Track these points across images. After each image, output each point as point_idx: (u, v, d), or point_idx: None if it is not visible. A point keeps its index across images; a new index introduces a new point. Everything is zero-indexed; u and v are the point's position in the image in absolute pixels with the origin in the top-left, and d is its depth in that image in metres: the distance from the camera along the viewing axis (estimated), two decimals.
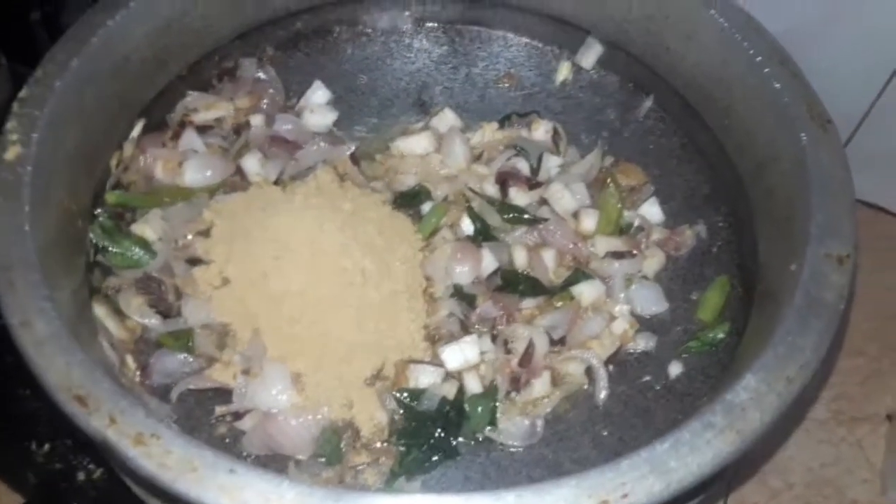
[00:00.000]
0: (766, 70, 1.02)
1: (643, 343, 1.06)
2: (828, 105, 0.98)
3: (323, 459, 0.94)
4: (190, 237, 1.07)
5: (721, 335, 1.03)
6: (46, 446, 1.09)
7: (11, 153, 0.90)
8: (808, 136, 0.95)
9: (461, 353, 1.01)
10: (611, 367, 1.03)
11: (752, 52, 1.04)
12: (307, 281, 1.00)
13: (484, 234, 1.12)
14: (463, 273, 1.08)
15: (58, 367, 0.74)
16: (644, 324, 1.07)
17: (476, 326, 1.05)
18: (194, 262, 1.05)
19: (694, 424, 0.73)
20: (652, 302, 1.08)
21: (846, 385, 1.38)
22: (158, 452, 0.69)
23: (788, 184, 0.97)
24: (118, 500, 1.05)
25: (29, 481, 1.10)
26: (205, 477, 0.68)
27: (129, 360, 0.97)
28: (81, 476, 1.08)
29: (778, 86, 1.01)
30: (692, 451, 0.71)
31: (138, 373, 0.97)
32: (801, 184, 0.93)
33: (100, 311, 0.98)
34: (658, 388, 1.02)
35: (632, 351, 1.06)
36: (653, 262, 1.11)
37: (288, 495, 0.67)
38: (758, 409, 0.74)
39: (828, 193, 0.91)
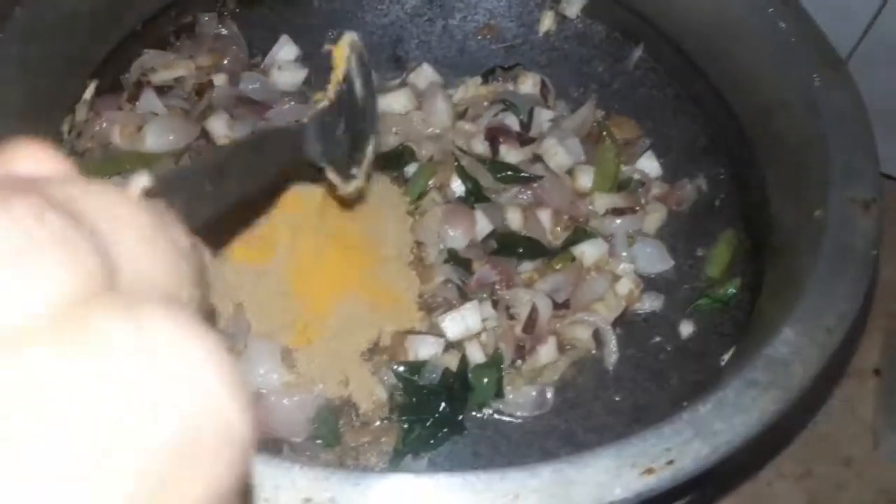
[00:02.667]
0: (770, 10, 0.97)
1: (650, 303, 1.01)
2: None
3: (320, 441, 0.87)
4: None
5: (732, 290, 0.99)
6: None
7: None
8: (820, 78, 0.90)
9: (462, 322, 0.94)
10: (618, 330, 0.98)
11: None
12: (291, 249, 0.92)
13: (475, 195, 1.05)
14: (456, 237, 1.01)
15: None
16: (649, 283, 1.02)
17: (474, 293, 0.99)
18: None
19: (735, 383, 0.67)
20: (656, 260, 1.03)
21: None
22: None
23: (800, 129, 0.92)
24: None
25: None
26: None
27: None
28: None
29: (784, 25, 0.95)
30: (738, 412, 0.66)
31: None
32: (815, 128, 0.88)
33: None
34: (670, 348, 0.97)
35: (639, 312, 1.00)
36: (654, 217, 1.06)
37: (300, 482, 0.59)
38: (800, 363, 0.69)
39: (846, 136, 0.86)
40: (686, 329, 0.99)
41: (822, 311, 0.72)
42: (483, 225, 1.02)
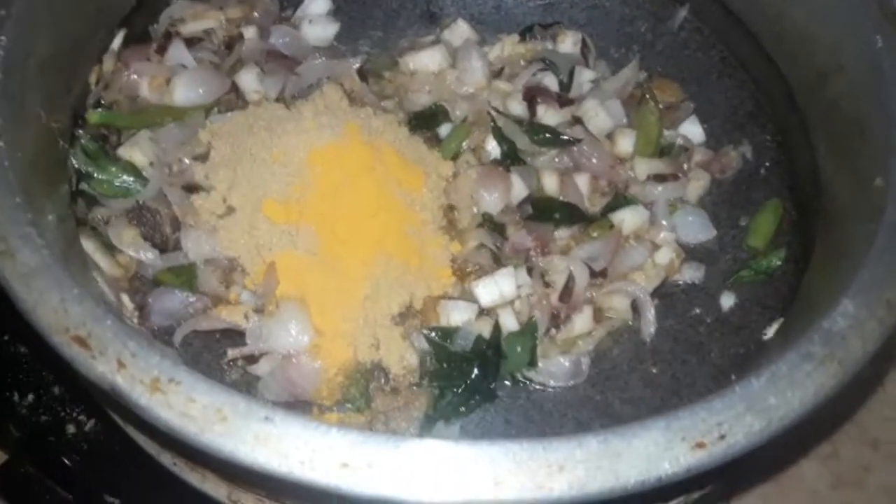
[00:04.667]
0: None
1: (690, 273, 0.97)
2: None
3: (349, 405, 0.85)
4: (186, 161, 0.95)
5: (777, 262, 0.95)
6: (30, 397, 0.98)
7: None
8: (883, 39, 0.85)
9: (496, 287, 0.91)
10: (656, 301, 0.94)
11: None
12: (324, 209, 0.89)
13: (511, 158, 1.02)
14: (491, 200, 0.98)
15: (51, 304, 0.62)
16: (690, 253, 0.99)
17: (509, 258, 0.95)
18: (192, 189, 0.93)
19: (790, 356, 0.64)
20: (698, 229, 0.99)
21: None
22: (180, 401, 0.58)
23: (858, 94, 0.88)
24: (115, 452, 0.95)
25: (10, 435, 0.99)
26: (237, 427, 0.58)
27: (126, 299, 0.86)
28: (71, 428, 0.97)
29: None
30: (792, 386, 0.62)
31: (136, 314, 0.86)
32: (877, 93, 0.84)
33: (87, 245, 0.86)
34: (710, 321, 0.94)
35: (678, 282, 0.97)
36: (697, 185, 1.02)
37: (338, 445, 0.57)
38: (859, 336, 0.66)
39: None
40: (727, 301, 0.95)
41: (883, 283, 0.69)
42: (519, 189, 0.99)
